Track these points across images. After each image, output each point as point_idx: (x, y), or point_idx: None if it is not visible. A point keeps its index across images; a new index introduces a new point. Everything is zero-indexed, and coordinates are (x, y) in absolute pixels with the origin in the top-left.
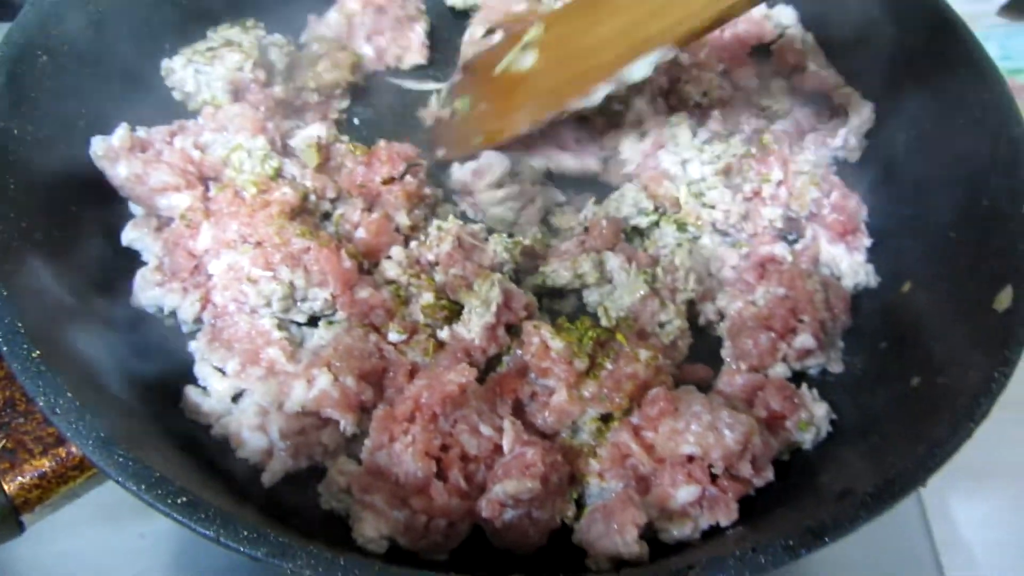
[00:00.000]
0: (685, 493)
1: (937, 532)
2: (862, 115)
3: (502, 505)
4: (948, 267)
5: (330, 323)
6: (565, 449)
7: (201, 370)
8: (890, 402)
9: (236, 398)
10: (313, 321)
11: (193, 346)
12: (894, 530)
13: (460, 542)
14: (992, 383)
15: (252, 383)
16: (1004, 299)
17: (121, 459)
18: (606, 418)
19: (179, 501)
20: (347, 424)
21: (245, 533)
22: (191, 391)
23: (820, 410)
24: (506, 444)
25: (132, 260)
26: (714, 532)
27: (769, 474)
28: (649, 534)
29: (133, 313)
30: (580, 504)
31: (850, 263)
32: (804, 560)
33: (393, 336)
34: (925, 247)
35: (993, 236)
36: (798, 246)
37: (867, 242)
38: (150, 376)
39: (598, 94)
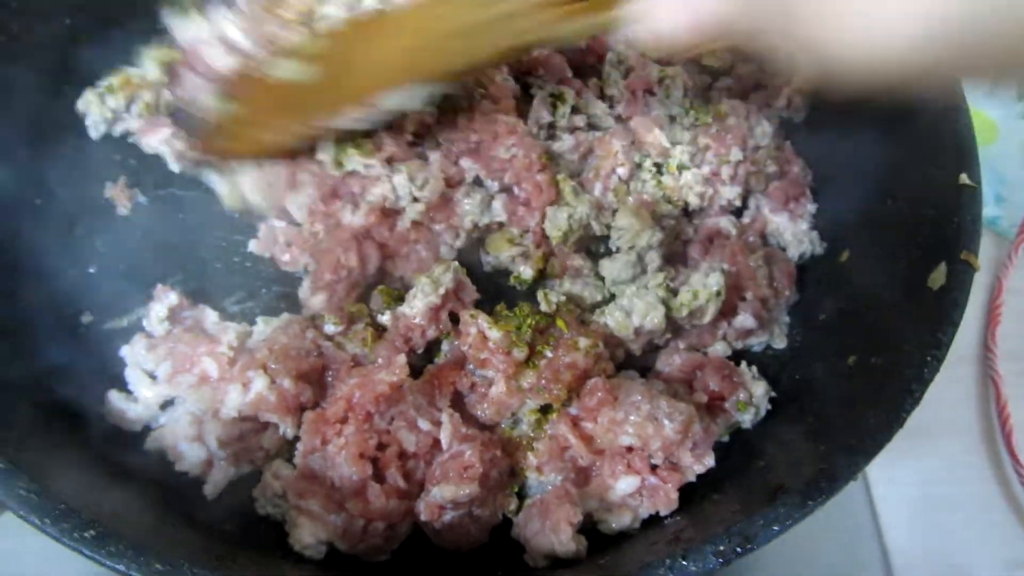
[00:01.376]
0: (625, 484)
1: (879, 493)
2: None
3: (441, 508)
4: (884, 237)
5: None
6: (505, 442)
7: (131, 375)
8: (828, 381)
9: (164, 405)
10: None
11: (125, 351)
12: None
13: (401, 542)
14: (925, 368)
15: (184, 390)
16: (938, 277)
17: (23, 492)
18: (545, 409)
19: (86, 535)
20: (286, 427)
21: (158, 567)
22: (114, 396)
23: (759, 389)
24: (444, 439)
25: None
26: (653, 521)
27: (710, 460)
28: (589, 524)
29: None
30: (521, 496)
31: (794, 232)
32: None
33: (329, 328)
34: (864, 215)
35: (928, 207)
36: (744, 218)
37: (812, 208)
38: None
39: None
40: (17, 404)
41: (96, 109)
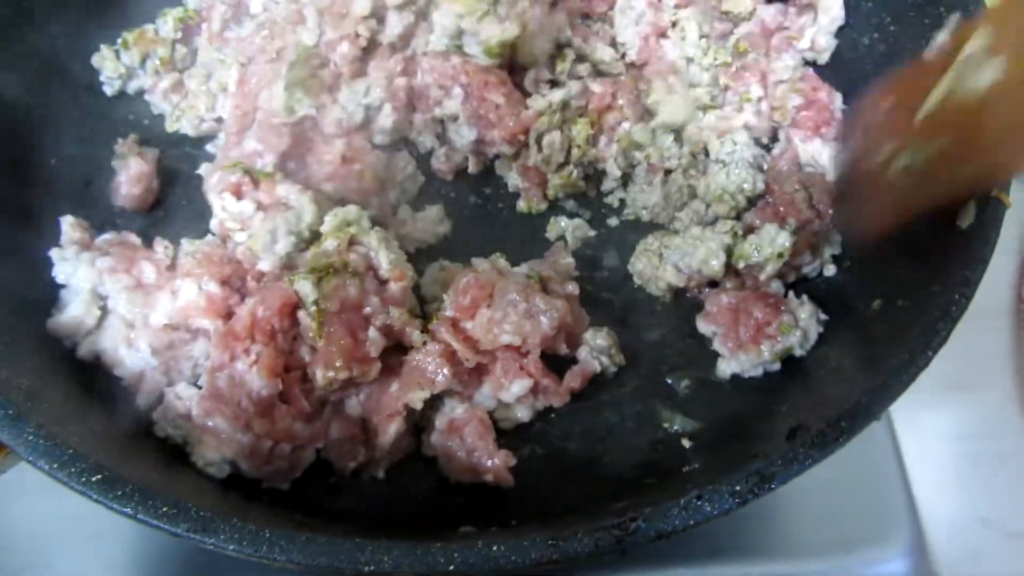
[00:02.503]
0: (518, 387)
1: (906, 447)
2: (831, 12)
3: None
4: None
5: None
6: None
7: (65, 261)
8: (852, 325)
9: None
10: None
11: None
12: (860, 447)
13: (303, 471)
14: (953, 307)
15: (118, 291)
16: (967, 215)
17: (32, 437)
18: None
19: (94, 479)
20: (216, 329)
21: (164, 509)
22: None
23: (805, 312)
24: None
25: None
26: (669, 474)
27: (584, 352)
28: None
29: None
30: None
31: (831, 155)
32: None
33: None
34: None
35: None
36: (775, 151)
37: None
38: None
39: None
40: (29, 356)
41: (111, 65)
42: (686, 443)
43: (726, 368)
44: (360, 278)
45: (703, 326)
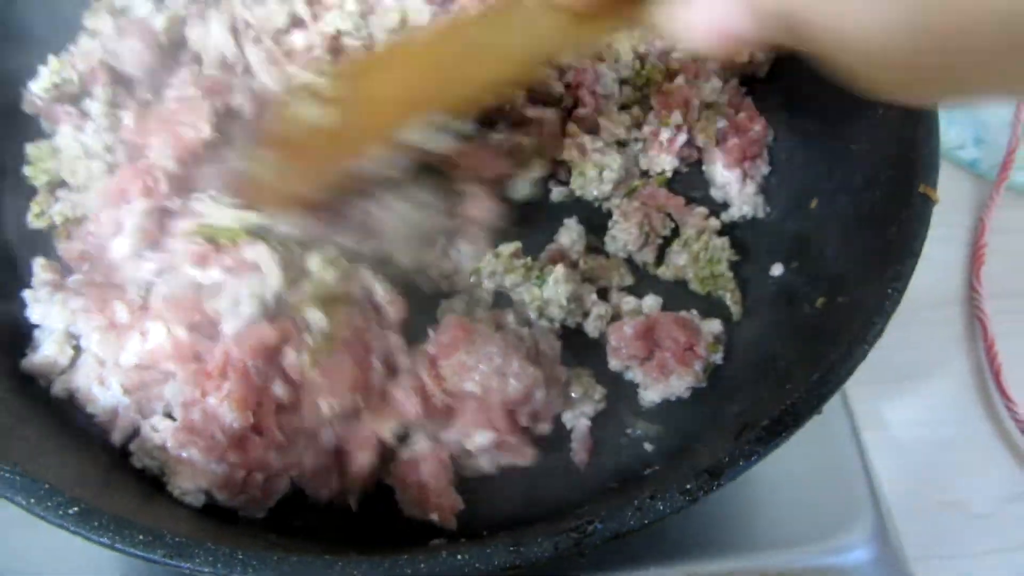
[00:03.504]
0: (481, 438)
1: (867, 437)
2: None
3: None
4: (849, 181)
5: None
6: None
7: (36, 310)
8: (798, 324)
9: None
10: None
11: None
12: (821, 440)
13: (278, 500)
14: (886, 301)
15: (90, 331)
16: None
17: (8, 474)
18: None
19: (71, 512)
20: (185, 376)
21: (140, 537)
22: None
23: (715, 326)
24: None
25: None
26: (631, 478)
27: (546, 427)
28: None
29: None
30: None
31: (740, 191)
32: None
33: None
34: (828, 161)
35: (889, 145)
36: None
37: (765, 170)
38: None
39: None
40: (5, 395)
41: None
42: (648, 447)
43: (653, 396)
44: (361, 307)
45: (614, 363)
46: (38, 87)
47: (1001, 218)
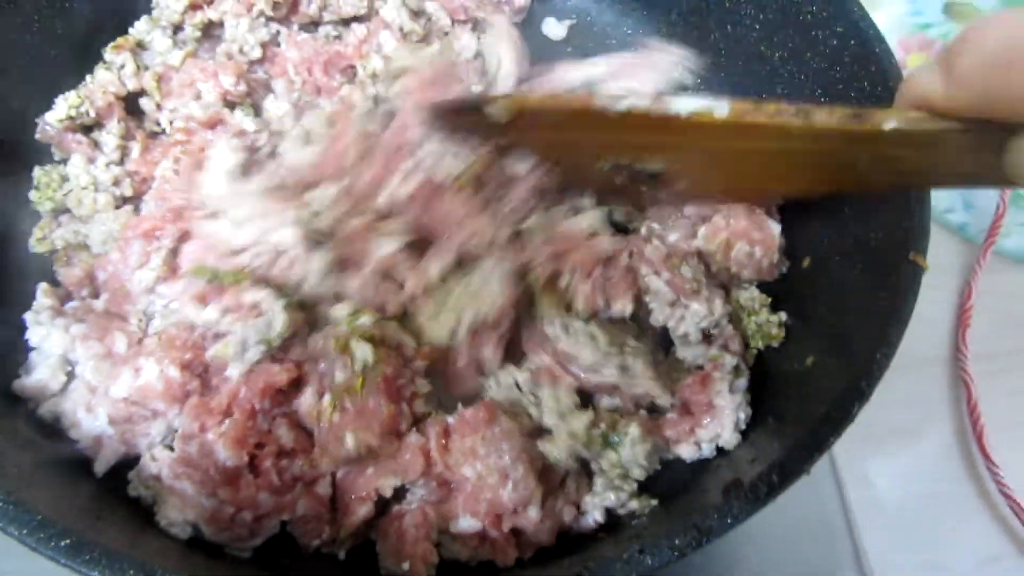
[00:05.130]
0: (466, 523)
1: (853, 495)
2: None
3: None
4: (842, 244)
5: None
6: None
7: (36, 332)
8: (788, 382)
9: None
10: None
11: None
12: (806, 496)
13: (265, 539)
14: (874, 366)
15: (87, 358)
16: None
17: (1, 504)
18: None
19: (63, 544)
20: (173, 416)
21: (131, 572)
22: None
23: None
24: None
25: None
26: (620, 526)
27: (544, 537)
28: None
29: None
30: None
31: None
32: None
33: None
34: (823, 220)
35: (881, 213)
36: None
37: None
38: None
39: None
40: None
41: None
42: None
43: (692, 453)
44: (394, 351)
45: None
46: (53, 117)
47: (988, 281)
